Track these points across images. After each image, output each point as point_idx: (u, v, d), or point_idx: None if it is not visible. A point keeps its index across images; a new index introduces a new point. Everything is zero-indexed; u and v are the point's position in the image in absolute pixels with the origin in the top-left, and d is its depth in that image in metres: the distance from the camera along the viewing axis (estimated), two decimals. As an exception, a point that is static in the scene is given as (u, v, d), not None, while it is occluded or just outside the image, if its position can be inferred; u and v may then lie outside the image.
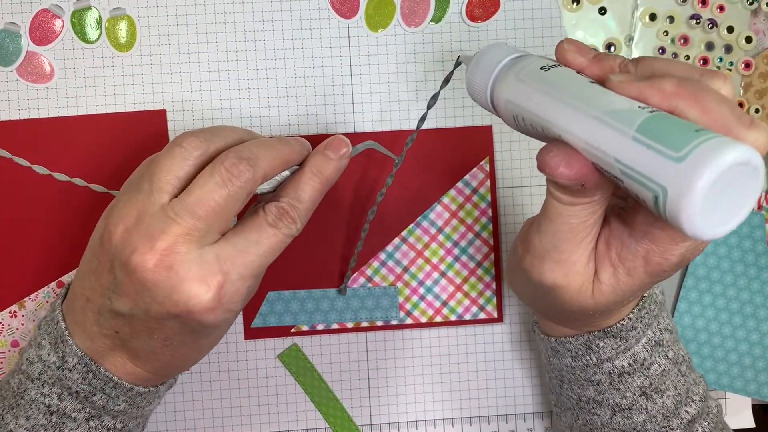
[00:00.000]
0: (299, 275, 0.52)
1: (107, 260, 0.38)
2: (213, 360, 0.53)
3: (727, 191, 0.29)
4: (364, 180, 0.53)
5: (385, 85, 0.53)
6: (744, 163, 0.28)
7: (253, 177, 0.38)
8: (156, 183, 0.38)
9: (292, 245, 0.52)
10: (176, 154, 0.39)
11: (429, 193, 0.53)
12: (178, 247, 0.37)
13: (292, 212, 0.40)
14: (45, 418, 0.41)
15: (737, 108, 0.32)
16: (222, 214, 0.38)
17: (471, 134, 0.53)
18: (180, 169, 0.38)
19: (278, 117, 0.52)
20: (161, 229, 0.37)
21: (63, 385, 0.41)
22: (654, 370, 0.43)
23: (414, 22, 0.53)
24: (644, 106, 0.32)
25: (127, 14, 0.51)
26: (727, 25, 0.53)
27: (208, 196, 0.37)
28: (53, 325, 0.42)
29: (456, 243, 0.53)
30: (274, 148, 0.40)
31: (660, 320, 0.44)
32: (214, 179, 0.37)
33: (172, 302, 0.37)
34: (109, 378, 0.41)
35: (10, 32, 0.51)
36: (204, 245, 0.37)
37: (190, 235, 0.37)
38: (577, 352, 0.44)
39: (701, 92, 0.32)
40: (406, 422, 0.54)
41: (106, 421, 0.42)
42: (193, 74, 0.52)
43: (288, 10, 0.52)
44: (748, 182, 0.29)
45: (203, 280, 0.37)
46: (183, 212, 0.37)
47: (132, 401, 0.43)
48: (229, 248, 0.38)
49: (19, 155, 0.51)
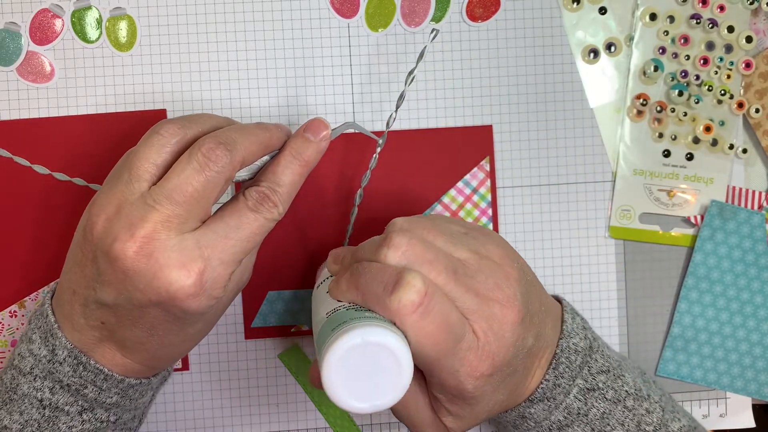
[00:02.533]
0: (299, 275, 0.52)
1: (90, 251, 0.39)
2: (213, 360, 0.53)
3: (363, 371, 0.35)
4: (356, 175, 0.53)
5: (385, 84, 0.53)
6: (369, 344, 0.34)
7: (231, 161, 0.38)
8: (135, 171, 0.38)
9: (293, 245, 0.52)
10: (154, 142, 0.39)
11: (429, 193, 0.53)
12: (158, 234, 0.37)
13: (273, 196, 0.40)
14: (38, 412, 0.41)
15: (388, 275, 0.36)
16: (201, 199, 0.38)
17: (471, 134, 0.53)
18: (158, 157, 0.38)
19: (278, 117, 0.52)
20: (141, 216, 0.37)
21: (54, 379, 0.41)
22: (593, 415, 0.44)
23: (414, 22, 0.53)
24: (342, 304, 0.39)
25: (127, 14, 0.51)
26: (728, 24, 0.53)
27: (186, 181, 0.37)
28: (43, 319, 0.42)
29: (456, 243, 0.53)
30: (252, 132, 0.40)
31: (591, 366, 0.44)
32: (191, 165, 0.37)
33: (153, 290, 0.37)
34: (99, 370, 0.41)
35: (10, 32, 0.51)
36: (184, 232, 0.37)
37: (169, 221, 0.37)
38: (515, 422, 0.45)
39: (355, 276, 0.38)
40: (406, 422, 0.54)
41: (99, 414, 0.42)
42: (193, 74, 0.52)
43: (288, 10, 0.52)
44: (386, 362, 0.35)
45: (183, 267, 0.37)
46: (162, 199, 0.37)
47: (124, 393, 0.43)
48: (210, 234, 0.38)
49: (19, 155, 0.51)
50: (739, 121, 0.54)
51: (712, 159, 0.54)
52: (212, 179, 0.38)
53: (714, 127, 0.54)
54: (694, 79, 0.53)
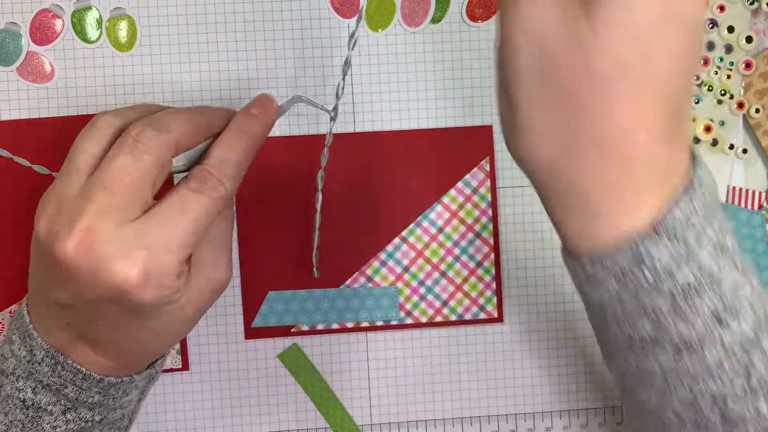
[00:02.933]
0: (299, 275, 0.52)
1: (39, 252, 0.38)
2: (213, 360, 0.53)
3: None
4: (356, 174, 0.53)
5: (385, 84, 0.53)
6: None
7: (163, 143, 0.37)
8: (72, 165, 0.37)
9: (292, 245, 0.52)
10: (92, 133, 0.38)
11: (429, 193, 0.53)
12: (96, 225, 0.35)
13: (217, 173, 0.38)
14: (22, 413, 0.41)
15: None
16: (135, 185, 0.36)
17: (471, 134, 0.53)
18: (94, 147, 0.37)
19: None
20: (78, 210, 0.36)
21: (35, 379, 0.41)
22: (726, 286, 0.33)
23: (414, 22, 0.53)
24: None
25: (127, 14, 0.51)
26: (728, 25, 0.53)
27: (118, 167, 0.36)
28: (20, 319, 0.41)
29: (456, 243, 0.53)
30: (188, 114, 0.39)
31: (718, 215, 0.34)
32: (122, 150, 0.36)
33: (99, 284, 0.36)
34: (77, 369, 0.40)
35: (10, 32, 0.51)
36: (123, 222, 0.36)
37: (106, 212, 0.36)
38: (623, 270, 0.33)
39: None
40: (406, 422, 0.54)
41: (83, 413, 0.42)
42: (193, 74, 0.52)
43: (288, 10, 0.52)
44: None
45: (125, 258, 0.35)
46: (96, 188, 0.36)
47: (106, 392, 0.42)
48: (150, 222, 0.36)
49: (19, 155, 0.51)
50: (739, 121, 0.54)
51: (712, 159, 0.54)
52: (145, 163, 0.36)
53: (714, 127, 0.54)
54: (694, 79, 0.53)
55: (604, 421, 0.55)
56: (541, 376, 0.54)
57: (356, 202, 0.53)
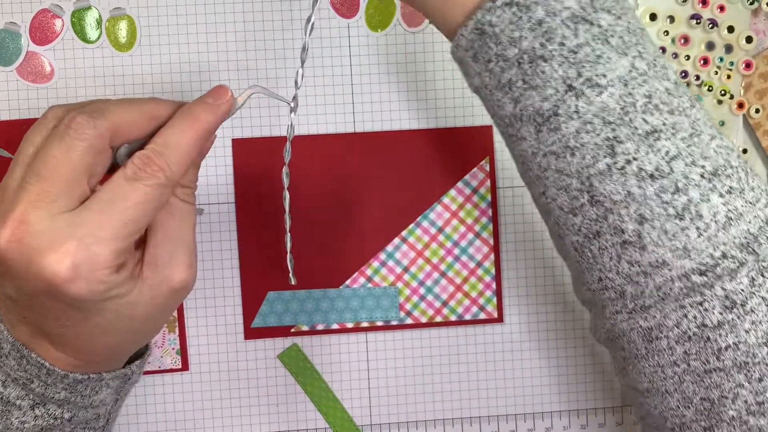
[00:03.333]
0: (299, 275, 0.52)
1: None
2: (213, 360, 0.53)
3: None
4: (355, 176, 0.53)
5: (385, 85, 0.53)
6: None
7: (96, 129, 0.36)
8: (18, 158, 0.37)
9: (292, 245, 0.52)
10: (39, 125, 0.37)
11: (429, 193, 0.53)
12: (28, 216, 0.34)
13: (157, 159, 0.36)
14: None
15: None
16: (68, 174, 0.35)
17: (471, 134, 0.53)
18: (39, 138, 0.37)
19: (278, 116, 0.52)
20: (14, 199, 0.35)
21: (4, 372, 0.40)
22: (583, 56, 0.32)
23: (414, 22, 0.53)
24: None
25: (127, 14, 0.51)
26: (728, 25, 0.53)
27: (51, 154, 0.35)
28: None
29: (456, 243, 0.53)
30: (130, 102, 0.38)
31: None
32: (55, 137, 0.36)
33: (32, 277, 0.35)
34: (41, 364, 0.39)
35: (10, 32, 0.51)
36: (57, 212, 0.35)
37: (39, 201, 0.35)
38: (472, 45, 0.34)
39: None
40: (406, 422, 0.54)
41: (52, 410, 0.41)
42: (193, 74, 0.52)
43: (288, 10, 0.52)
44: None
45: (54, 249, 0.34)
46: (31, 176, 0.35)
47: (72, 389, 0.41)
48: (84, 212, 0.35)
49: (19, 155, 0.51)
50: (739, 121, 0.54)
51: (712, 159, 0.54)
52: (78, 149, 0.35)
53: (714, 127, 0.54)
54: (695, 79, 0.53)
55: (604, 421, 0.55)
56: (541, 377, 0.54)
57: (356, 202, 0.53)
